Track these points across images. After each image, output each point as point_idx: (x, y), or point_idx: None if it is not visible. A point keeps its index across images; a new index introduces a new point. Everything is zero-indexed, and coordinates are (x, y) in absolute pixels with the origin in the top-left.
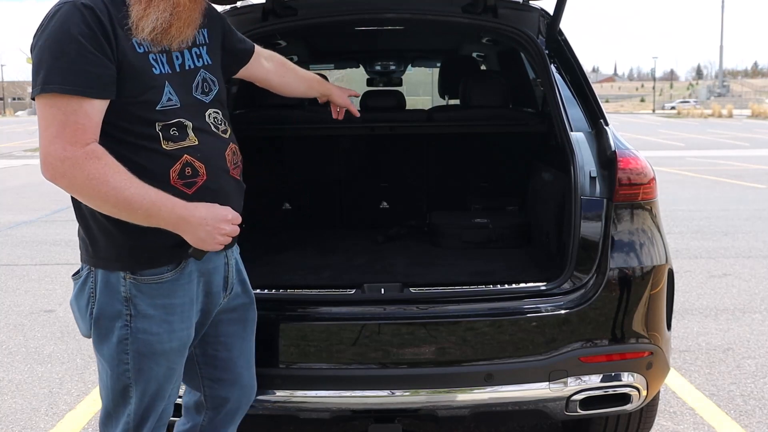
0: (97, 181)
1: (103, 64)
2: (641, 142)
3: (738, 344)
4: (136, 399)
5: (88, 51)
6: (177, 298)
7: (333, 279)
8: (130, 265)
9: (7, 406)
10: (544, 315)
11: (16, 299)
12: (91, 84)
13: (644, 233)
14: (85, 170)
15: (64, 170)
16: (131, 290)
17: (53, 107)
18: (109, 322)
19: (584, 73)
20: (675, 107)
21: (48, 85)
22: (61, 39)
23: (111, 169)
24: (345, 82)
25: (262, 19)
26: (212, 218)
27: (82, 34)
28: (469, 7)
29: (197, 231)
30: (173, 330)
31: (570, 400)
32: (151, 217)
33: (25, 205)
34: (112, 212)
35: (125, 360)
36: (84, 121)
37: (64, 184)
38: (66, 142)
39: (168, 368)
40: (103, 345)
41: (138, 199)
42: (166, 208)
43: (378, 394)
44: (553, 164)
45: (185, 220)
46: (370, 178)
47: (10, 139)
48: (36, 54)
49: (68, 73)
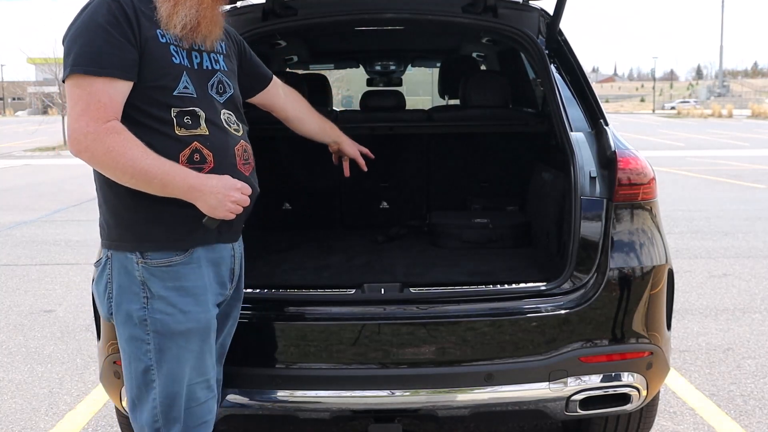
0: (116, 153)
1: (126, 48)
2: (641, 142)
3: (738, 344)
4: (159, 382)
5: (113, 37)
6: (188, 281)
7: (333, 279)
8: (139, 246)
9: (7, 406)
10: (544, 315)
11: (16, 299)
12: (114, 66)
13: (644, 233)
14: (105, 143)
15: (87, 144)
16: (144, 274)
17: (79, 87)
18: (128, 305)
19: (584, 73)
20: (675, 107)
21: (75, 67)
22: (89, 27)
23: (129, 143)
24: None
25: (262, 19)
26: (222, 186)
27: (108, 23)
28: (469, 7)
29: (208, 199)
30: (188, 311)
31: (570, 400)
32: (166, 186)
33: (25, 205)
34: (131, 182)
35: (147, 340)
36: (106, 101)
37: (87, 157)
38: (89, 119)
39: (188, 350)
40: (125, 327)
41: (153, 169)
42: (180, 177)
43: (378, 394)
44: (553, 164)
45: (196, 188)
46: (370, 178)
47: (10, 139)
48: (67, 42)
49: (93, 57)
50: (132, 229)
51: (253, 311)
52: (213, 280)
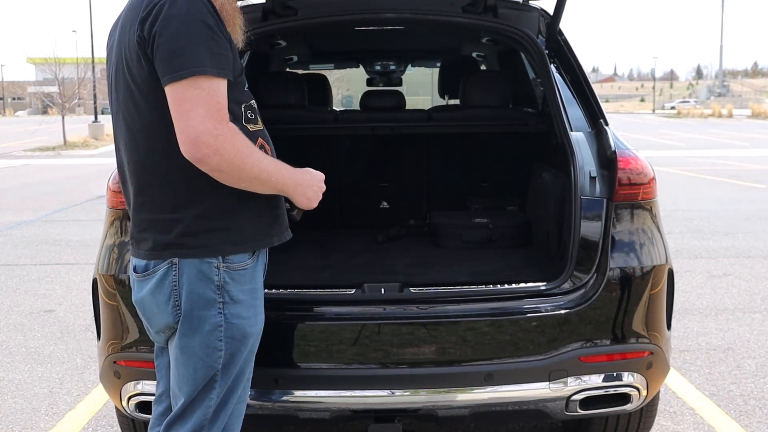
0: (244, 154)
1: (227, 47)
2: (641, 141)
3: (738, 344)
4: (221, 383)
5: (220, 36)
6: (257, 283)
7: (333, 279)
8: (221, 250)
9: (7, 406)
10: (544, 315)
11: (16, 299)
12: (225, 66)
13: (644, 233)
14: (235, 144)
15: (218, 146)
16: (225, 278)
17: (198, 88)
18: (201, 312)
19: (584, 73)
20: (675, 107)
21: (197, 68)
22: (195, 26)
23: (250, 143)
24: (345, 82)
25: (262, 19)
26: (315, 179)
27: (212, 22)
28: (469, 7)
29: (307, 192)
30: (258, 313)
31: (570, 400)
32: (279, 184)
33: (25, 205)
34: (247, 184)
35: (219, 347)
36: (223, 101)
37: (216, 161)
38: (216, 121)
39: (251, 351)
40: (194, 335)
41: (271, 168)
42: (289, 174)
43: (378, 394)
44: (553, 164)
45: (300, 183)
46: (370, 178)
47: (10, 139)
48: (170, 40)
49: (210, 57)
50: (212, 234)
51: None
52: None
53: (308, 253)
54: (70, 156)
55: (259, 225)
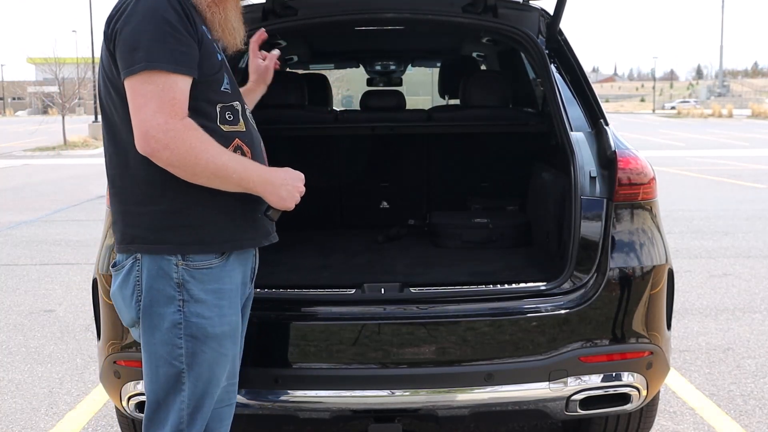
0: (198, 149)
1: (191, 44)
2: (641, 142)
3: (738, 344)
4: (189, 385)
5: (180, 32)
6: (225, 284)
7: (333, 279)
8: (183, 248)
9: (7, 406)
10: (544, 315)
11: (16, 299)
12: (184, 62)
13: (644, 233)
14: (187, 140)
15: (167, 141)
16: (184, 276)
17: (152, 84)
18: (161, 308)
19: (584, 73)
20: (675, 107)
21: (150, 62)
22: (155, 22)
23: (207, 138)
24: (345, 81)
25: (262, 19)
26: (290, 178)
27: (174, 18)
28: (469, 7)
29: (280, 191)
30: (223, 314)
31: (570, 399)
32: (243, 180)
33: (25, 205)
34: (207, 180)
35: (179, 345)
36: (180, 97)
37: (166, 156)
38: (167, 116)
39: (220, 354)
40: (154, 332)
41: (233, 164)
42: (255, 171)
43: (378, 394)
44: (553, 164)
45: (270, 181)
46: (370, 178)
47: (10, 139)
48: (128, 36)
49: (165, 53)
50: (171, 231)
51: (253, 311)
52: (239, 281)
53: (308, 253)
54: (70, 156)
55: (227, 226)
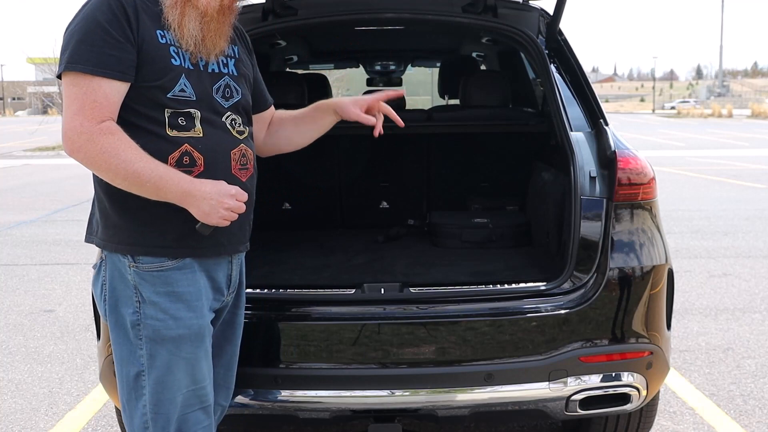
0: (109, 154)
1: (124, 48)
2: (641, 141)
3: (738, 344)
4: (149, 388)
5: (111, 36)
6: (180, 286)
7: (333, 279)
8: (128, 248)
9: (7, 406)
10: (544, 315)
11: (16, 299)
12: (110, 66)
13: (644, 233)
14: (98, 144)
15: (80, 144)
16: (135, 278)
17: (75, 86)
18: (122, 308)
19: (584, 73)
20: (675, 107)
21: (71, 64)
22: (87, 24)
23: (123, 144)
24: (345, 81)
25: (262, 19)
26: (216, 193)
27: (107, 20)
28: (469, 6)
29: (201, 204)
30: (179, 317)
31: (570, 399)
32: (159, 190)
33: (25, 205)
34: (124, 185)
35: (140, 345)
36: (102, 100)
37: (80, 157)
38: (84, 119)
39: (179, 357)
40: (119, 331)
41: (147, 172)
42: (173, 181)
43: (378, 394)
44: (553, 164)
45: (190, 193)
46: (370, 178)
47: (10, 139)
48: (65, 38)
49: (90, 55)
50: (122, 231)
51: (253, 311)
52: (207, 286)
53: (308, 253)
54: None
55: (171, 231)
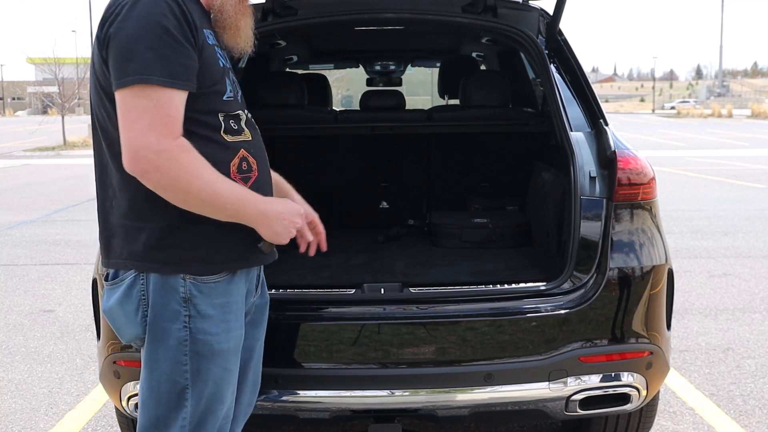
0: (191, 174)
1: (191, 56)
2: (641, 141)
3: (738, 344)
4: (192, 402)
5: (179, 43)
6: (232, 296)
7: (333, 279)
8: (185, 268)
9: (7, 406)
10: (544, 315)
11: (16, 299)
12: (182, 76)
13: (644, 233)
14: (180, 163)
15: (159, 163)
16: (191, 291)
17: (144, 98)
18: (166, 324)
19: (584, 73)
20: (675, 107)
21: (143, 75)
22: (151, 28)
23: (201, 162)
24: (345, 81)
25: (262, 19)
26: (288, 212)
27: (173, 26)
28: (469, 6)
29: (274, 225)
30: (230, 329)
31: (570, 400)
32: (238, 213)
33: (25, 205)
34: (199, 207)
35: (184, 362)
36: (175, 114)
37: (155, 178)
38: (160, 135)
39: (225, 369)
40: (158, 348)
41: (227, 194)
42: (250, 203)
43: (378, 394)
44: (553, 164)
45: (265, 214)
46: (370, 178)
47: (10, 139)
48: (122, 43)
49: (162, 65)
50: (178, 250)
51: None
52: (244, 292)
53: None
54: (70, 156)
55: (231, 245)
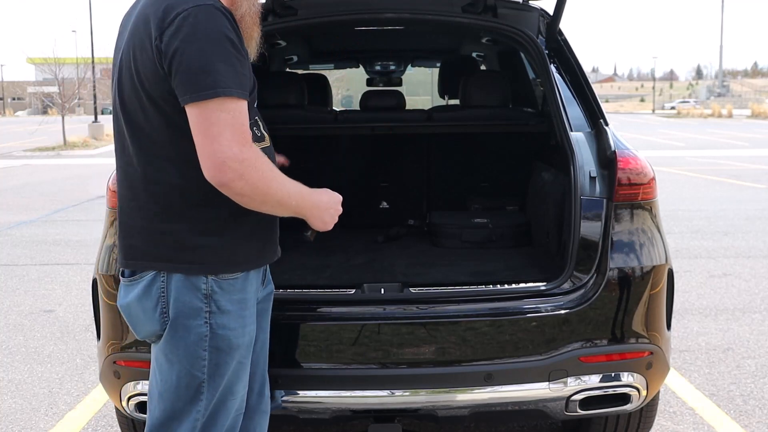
0: (269, 178)
1: (248, 66)
2: (641, 141)
3: (738, 344)
4: (208, 395)
5: (241, 54)
6: (248, 292)
7: (333, 279)
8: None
9: (7, 406)
10: (544, 315)
11: (16, 299)
12: (246, 86)
13: (644, 233)
14: (259, 169)
15: (243, 171)
16: (213, 287)
17: (225, 111)
18: (187, 320)
19: (584, 73)
20: (675, 107)
21: (224, 89)
22: (220, 42)
23: (272, 166)
24: (345, 81)
25: (262, 19)
26: (333, 202)
27: (235, 38)
28: (469, 6)
29: (324, 215)
30: (246, 324)
31: (570, 400)
32: (299, 207)
33: (25, 205)
34: (272, 208)
35: (203, 357)
36: (247, 123)
37: (239, 186)
38: (241, 145)
39: (239, 363)
40: (178, 344)
41: (293, 192)
42: (305, 197)
43: (378, 394)
44: (553, 164)
45: (317, 205)
46: (370, 178)
47: (10, 139)
48: (195, 56)
49: (235, 77)
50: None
51: None
52: (256, 289)
53: (308, 253)
54: (70, 156)
55: (250, 246)
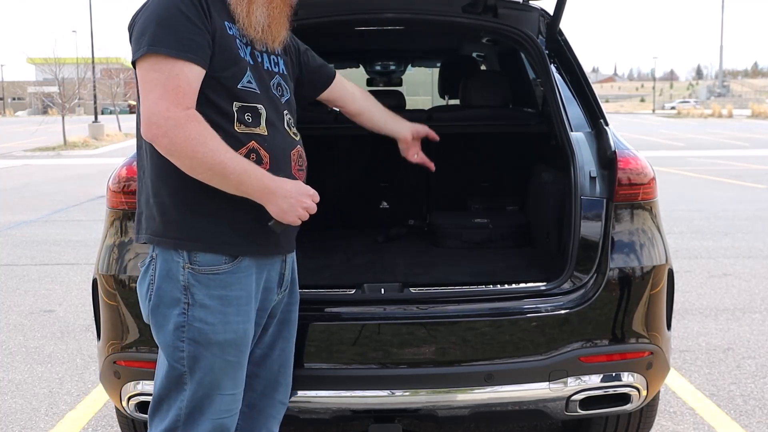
0: (196, 141)
1: (202, 34)
2: (641, 142)
3: (738, 344)
4: (191, 387)
5: (190, 20)
6: (233, 290)
7: (333, 279)
8: (186, 245)
9: (7, 406)
10: (544, 315)
11: (16, 299)
12: (192, 50)
13: (644, 233)
14: (186, 130)
15: (167, 129)
16: (189, 279)
17: (157, 71)
18: (166, 309)
19: (584, 73)
20: (675, 107)
21: (152, 46)
22: (165, 9)
23: (210, 133)
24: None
25: None
26: (296, 192)
27: (185, 5)
28: (469, 7)
29: (280, 202)
30: (228, 321)
31: (570, 400)
32: (242, 184)
33: (25, 205)
34: (204, 175)
35: (180, 348)
36: (185, 86)
37: (164, 143)
38: (170, 104)
39: (224, 360)
40: (160, 331)
41: (232, 164)
42: (256, 176)
43: (378, 394)
44: (553, 164)
45: (271, 190)
46: (370, 178)
47: (10, 139)
48: (140, 24)
49: (172, 38)
50: (181, 226)
51: None
52: (258, 288)
53: (308, 253)
54: (70, 156)
55: (234, 229)
